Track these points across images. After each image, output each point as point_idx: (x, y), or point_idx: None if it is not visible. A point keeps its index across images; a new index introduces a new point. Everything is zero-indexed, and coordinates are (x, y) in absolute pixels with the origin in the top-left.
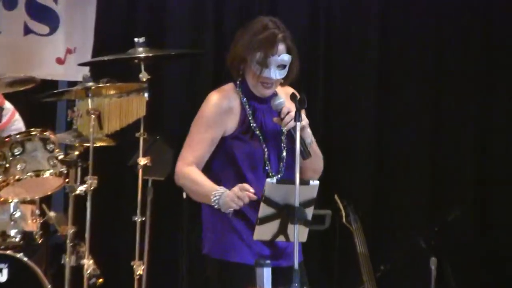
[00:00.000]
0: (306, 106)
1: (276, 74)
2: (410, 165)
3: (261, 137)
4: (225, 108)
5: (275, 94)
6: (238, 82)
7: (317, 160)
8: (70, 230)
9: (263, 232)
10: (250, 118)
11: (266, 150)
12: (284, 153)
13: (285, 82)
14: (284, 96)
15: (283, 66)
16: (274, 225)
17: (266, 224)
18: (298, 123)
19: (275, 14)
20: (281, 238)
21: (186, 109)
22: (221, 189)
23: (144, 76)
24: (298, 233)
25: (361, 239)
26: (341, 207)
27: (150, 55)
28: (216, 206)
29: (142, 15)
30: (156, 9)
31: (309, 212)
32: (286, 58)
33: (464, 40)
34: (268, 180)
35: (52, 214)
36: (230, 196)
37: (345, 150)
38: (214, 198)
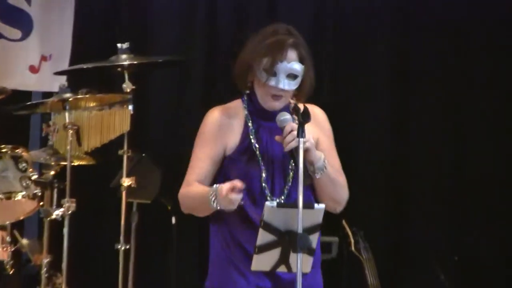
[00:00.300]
0: (310, 121)
1: (285, 84)
2: (429, 185)
3: (260, 158)
4: (224, 124)
5: (286, 109)
6: (244, 97)
7: (336, 188)
8: (45, 260)
9: (262, 262)
10: (251, 137)
11: (264, 172)
12: (291, 175)
13: (299, 98)
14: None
15: (294, 76)
16: (274, 254)
17: (265, 253)
18: (301, 139)
19: (275, 13)
20: (282, 269)
21: (175, 123)
22: (213, 188)
23: (128, 86)
24: (301, 263)
25: (372, 270)
26: (350, 233)
27: (135, 62)
28: (219, 207)
29: (126, 18)
30: (141, 11)
31: (314, 239)
32: (297, 67)
33: (489, 39)
34: (267, 203)
35: (24, 241)
36: (223, 196)
37: (353, 167)
38: (212, 201)
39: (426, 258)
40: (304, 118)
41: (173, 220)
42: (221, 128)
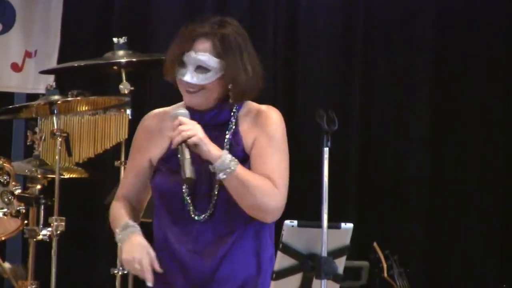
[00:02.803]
0: (336, 127)
1: (194, 77)
2: (475, 204)
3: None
4: (152, 131)
5: (219, 108)
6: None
7: (253, 193)
8: (31, 287)
9: None
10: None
11: (184, 185)
12: (217, 188)
13: (234, 97)
14: (251, 124)
15: (204, 69)
16: (294, 281)
17: (284, 279)
18: (325, 149)
19: (294, 11)
20: None
21: None
22: (125, 224)
23: (125, 87)
24: None
25: None
26: (382, 257)
27: (133, 60)
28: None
29: (122, 9)
30: (139, 2)
31: (341, 263)
32: (205, 58)
33: None
34: (286, 222)
35: (7, 265)
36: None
37: (387, 182)
38: (117, 237)
39: (469, 274)
40: (329, 125)
41: None
42: (149, 136)
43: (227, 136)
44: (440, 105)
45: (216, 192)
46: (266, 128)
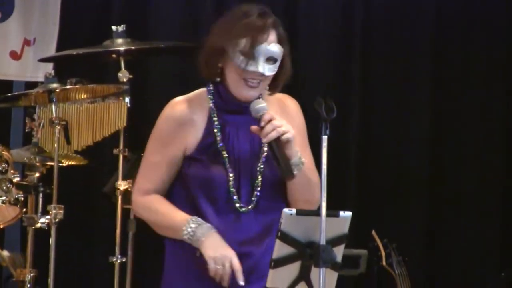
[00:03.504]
0: (335, 116)
1: (265, 68)
2: (476, 194)
3: (226, 159)
4: (184, 120)
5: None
6: (210, 87)
7: (310, 188)
8: (29, 275)
9: (279, 278)
10: (216, 133)
11: (231, 176)
12: (260, 179)
13: (274, 87)
14: (279, 113)
15: (274, 60)
16: (293, 269)
17: (282, 268)
18: (324, 137)
19: (294, 11)
20: (302, 286)
21: None
22: (197, 220)
23: (124, 75)
24: (325, 279)
25: (406, 287)
26: (380, 246)
27: (132, 48)
28: (187, 240)
29: None
30: None
31: (339, 252)
32: (276, 49)
33: None
34: (285, 210)
35: (5, 253)
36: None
37: (386, 172)
38: (187, 230)
39: (469, 274)
40: (328, 113)
41: None
42: (182, 125)
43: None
44: (440, 105)
45: (260, 184)
46: (296, 119)
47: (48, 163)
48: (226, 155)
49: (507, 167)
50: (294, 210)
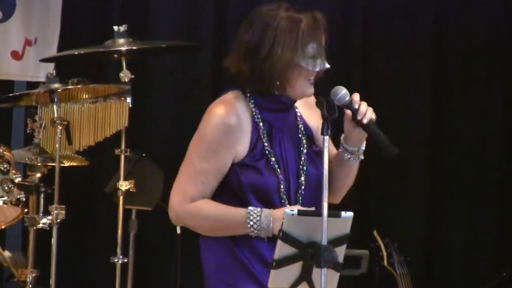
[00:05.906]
0: (337, 115)
1: (326, 64)
2: (475, 193)
3: (276, 165)
4: (234, 128)
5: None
6: (247, 92)
7: (354, 175)
8: (31, 275)
9: (281, 278)
10: (264, 139)
11: (282, 180)
12: (303, 178)
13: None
14: (307, 109)
15: (325, 55)
16: (294, 269)
17: (284, 268)
18: (326, 137)
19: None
20: (303, 286)
21: (179, 119)
22: (254, 209)
23: (126, 75)
24: (326, 280)
25: (408, 287)
26: (382, 246)
27: (134, 48)
28: (254, 232)
29: None
30: None
31: (341, 252)
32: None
33: None
34: (286, 210)
35: (6, 254)
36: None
37: (388, 172)
38: (252, 223)
39: (471, 273)
40: (330, 112)
41: (178, 229)
42: (232, 133)
43: (298, 119)
44: (440, 105)
45: (303, 183)
46: (317, 111)
47: (50, 164)
48: (274, 159)
49: (507, 167)
50: (295, 211)
